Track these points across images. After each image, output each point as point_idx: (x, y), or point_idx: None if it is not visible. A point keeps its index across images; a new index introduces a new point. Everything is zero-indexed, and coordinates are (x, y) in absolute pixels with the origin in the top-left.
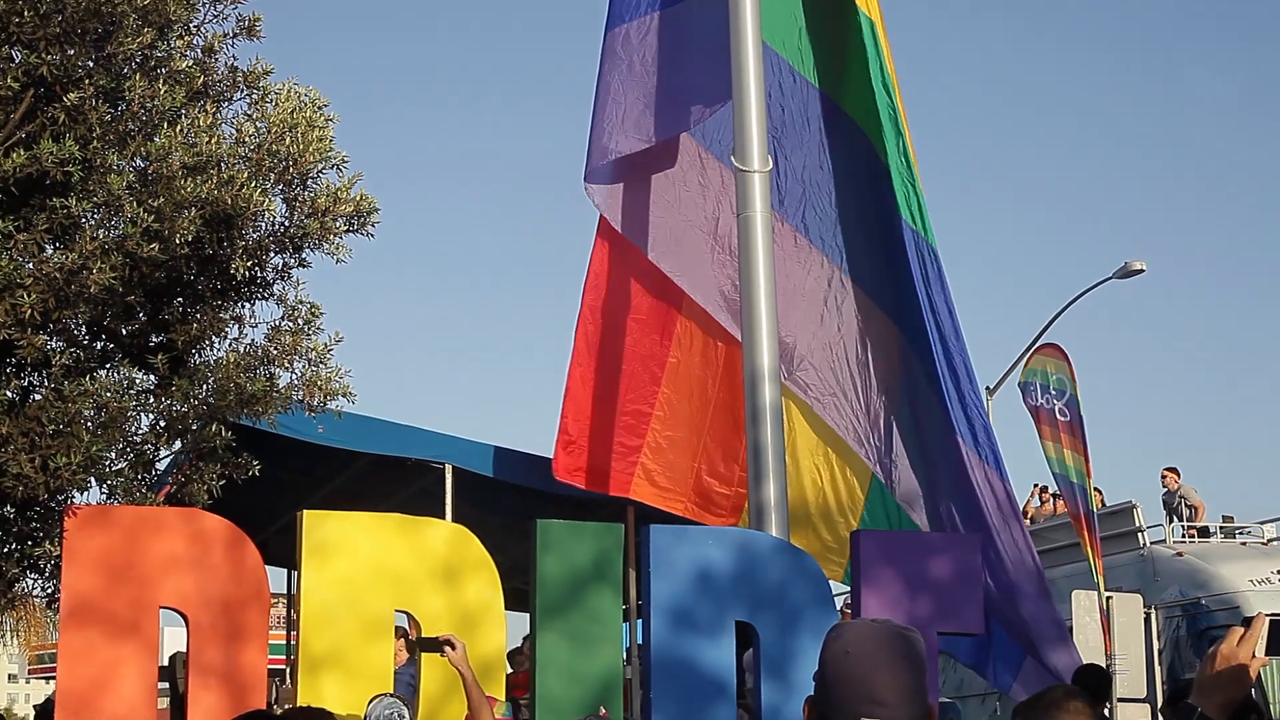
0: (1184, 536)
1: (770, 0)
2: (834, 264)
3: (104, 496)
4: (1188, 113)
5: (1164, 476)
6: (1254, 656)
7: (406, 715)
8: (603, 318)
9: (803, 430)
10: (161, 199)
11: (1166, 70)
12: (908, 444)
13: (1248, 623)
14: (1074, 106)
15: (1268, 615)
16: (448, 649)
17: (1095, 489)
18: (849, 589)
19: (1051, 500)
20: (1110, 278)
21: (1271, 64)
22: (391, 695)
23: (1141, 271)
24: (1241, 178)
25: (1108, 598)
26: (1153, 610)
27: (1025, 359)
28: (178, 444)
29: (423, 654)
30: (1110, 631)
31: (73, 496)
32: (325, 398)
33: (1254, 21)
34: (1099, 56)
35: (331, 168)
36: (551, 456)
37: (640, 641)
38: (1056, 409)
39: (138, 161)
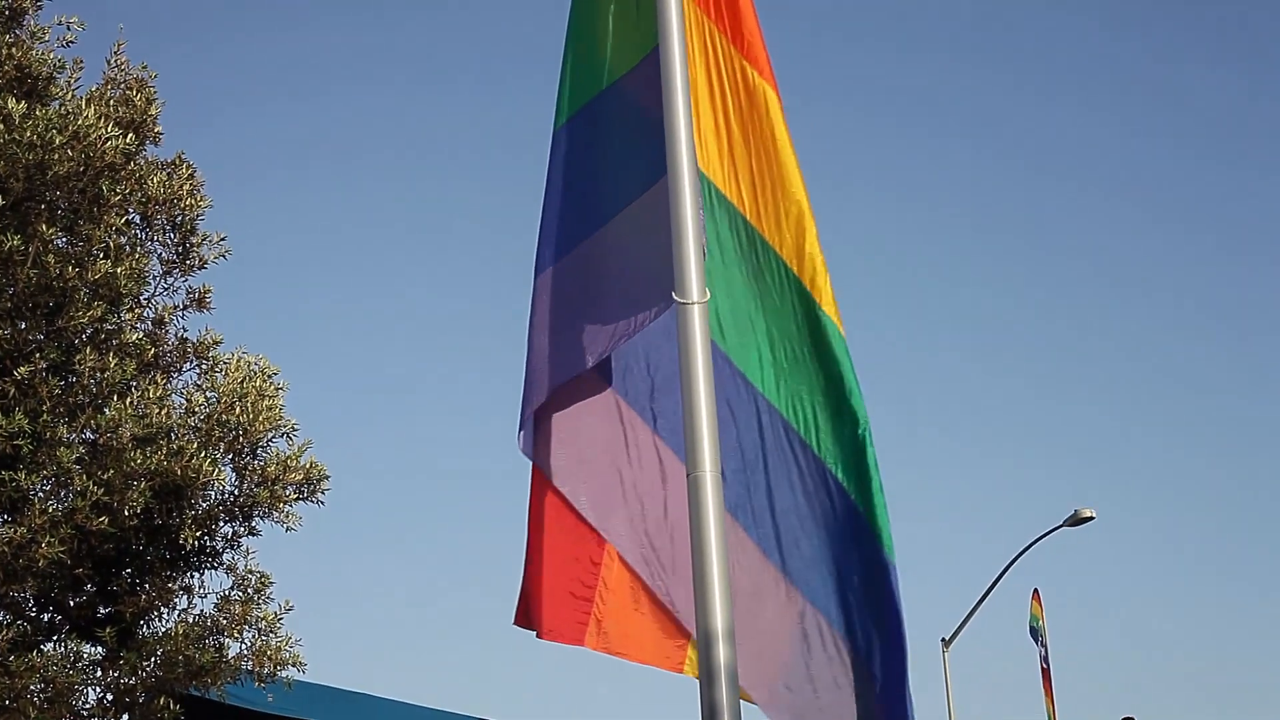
0: None
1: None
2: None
3: None
4: (1137, 361)
5: None
6: None
7: None
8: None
9: None
10: (111, 471)
11: (1101, 315)
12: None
13: None
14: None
15: None
16: None
17: None
18: None
19: None
20: (1060, 526)
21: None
22: None
23: (1092, 519)
24: (1194, 420)
25: None
26: None
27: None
28: (125, 717)
29: None
30: None
31: None
32: (275, 667)
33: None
34: (1035, 317)
35: (281, 436)
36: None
37: None
38: (1041, 656)
39: (88, 434)
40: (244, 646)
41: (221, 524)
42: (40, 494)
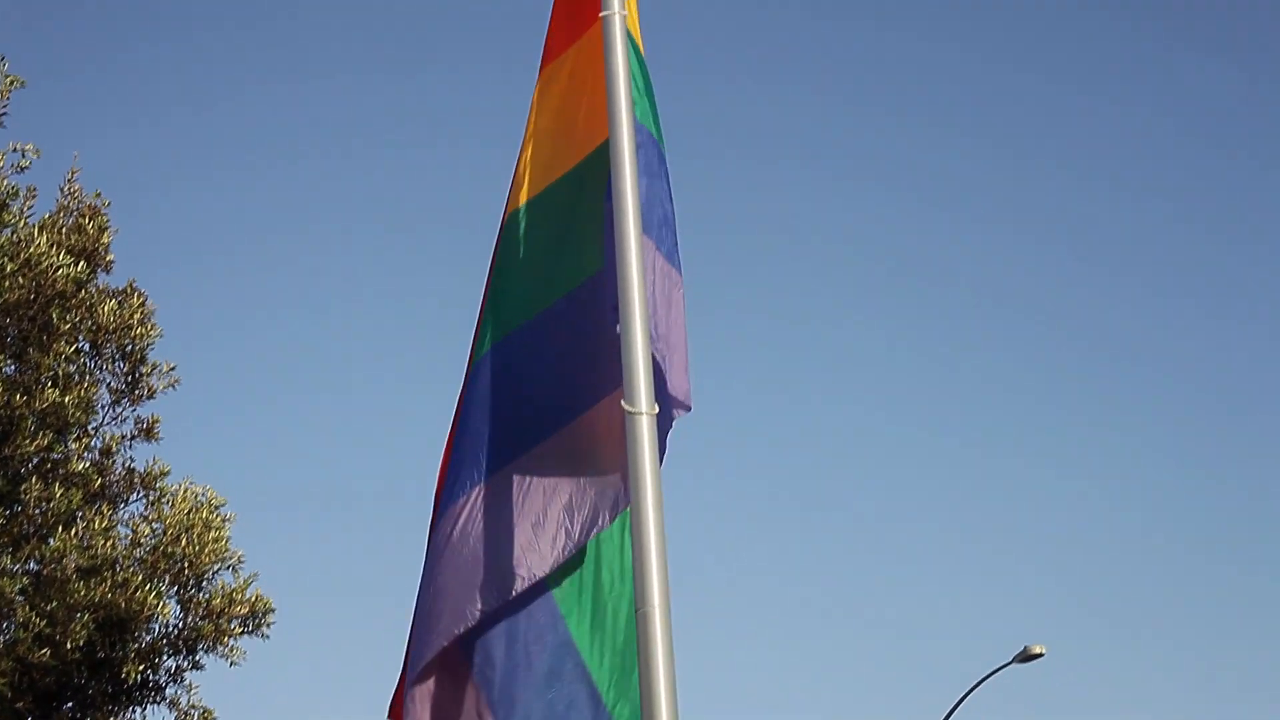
0: None
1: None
2: None
3: None
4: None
5: None
6: None
7: None
8: None
9: None
10: (55, 603)
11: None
12: None
13: None
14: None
15: None
16: None
17: None
18: None
19: None
20: (1010, 663)
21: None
22: None
23: (1041, 655)
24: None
25: None
26: None
27: None
28: None
29: None
30: None
31: None
32: None
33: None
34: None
35: (227, 568)
36: None
37: None
38: None
39: (31, 564)
40: None
41: (165, 658)
42: None
